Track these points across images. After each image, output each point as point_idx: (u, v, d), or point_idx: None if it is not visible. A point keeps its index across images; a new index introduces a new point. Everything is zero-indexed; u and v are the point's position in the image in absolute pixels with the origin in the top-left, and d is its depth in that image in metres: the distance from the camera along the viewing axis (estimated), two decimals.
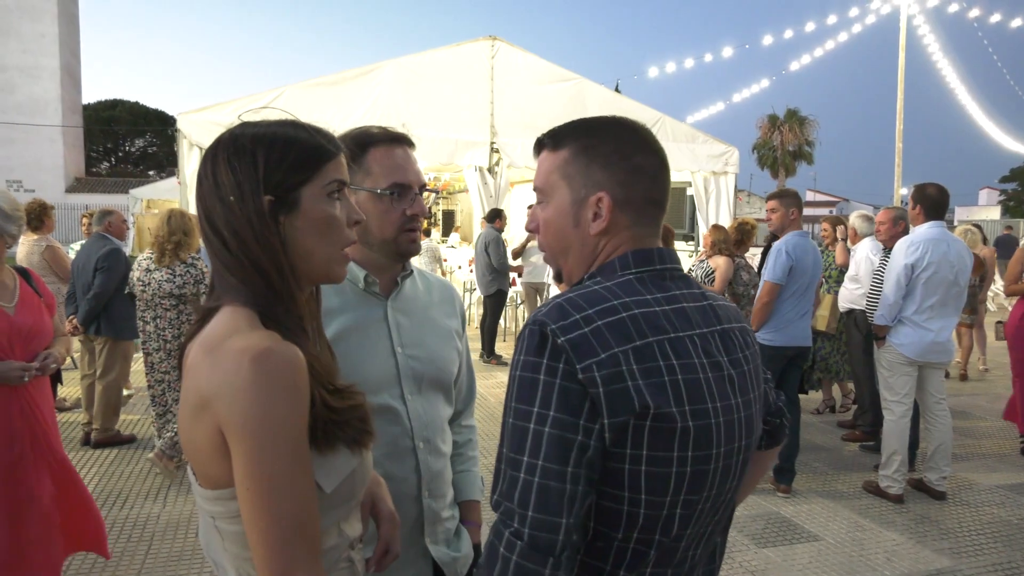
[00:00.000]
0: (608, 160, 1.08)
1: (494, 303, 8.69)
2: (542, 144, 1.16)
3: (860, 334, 5.62)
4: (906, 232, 4.86)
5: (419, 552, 1.53)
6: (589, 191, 1.09)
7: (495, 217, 8.62)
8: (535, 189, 1.17)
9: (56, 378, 3.14)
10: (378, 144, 1.52)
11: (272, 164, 1.02)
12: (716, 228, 5.67)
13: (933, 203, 4.47)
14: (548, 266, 7.68)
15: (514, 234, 10.88)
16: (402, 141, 1.55)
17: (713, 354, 1.05)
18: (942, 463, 4.55)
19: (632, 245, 1.09)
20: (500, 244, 8.46)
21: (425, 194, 1.62)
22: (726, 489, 1.06)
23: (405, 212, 1.51)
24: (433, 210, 18.06)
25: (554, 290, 7.10)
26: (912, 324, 4.44)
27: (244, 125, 1.07)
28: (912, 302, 4.43)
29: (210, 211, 1.03)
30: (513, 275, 9.38)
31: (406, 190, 1.51)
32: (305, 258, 1.05)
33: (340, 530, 1.09)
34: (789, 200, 4.67)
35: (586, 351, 0.94)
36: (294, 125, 1.08)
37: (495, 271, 8.46)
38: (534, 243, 8.95)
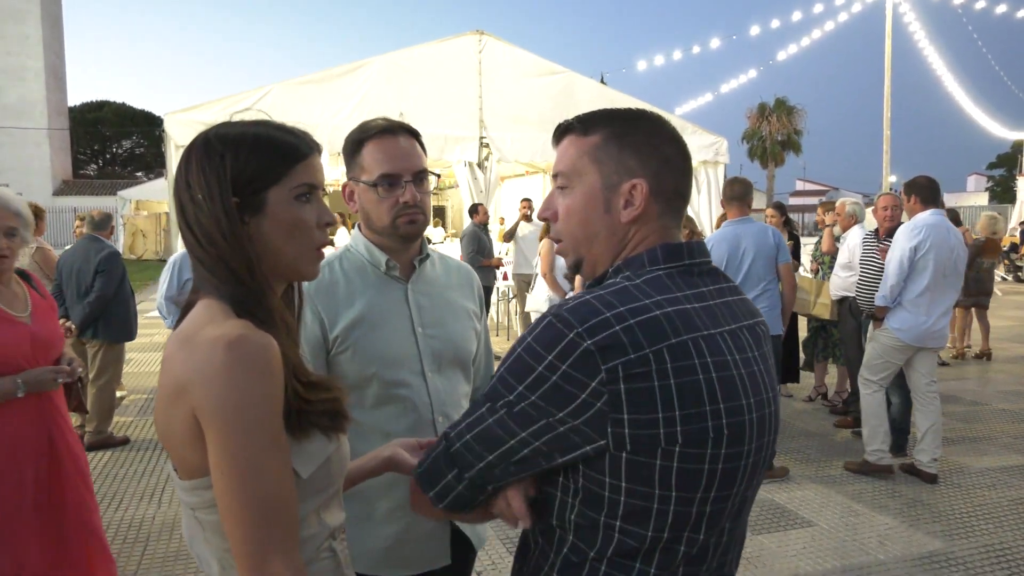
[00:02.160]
0: (641, 149, 1.08)
1: None
2: (568, 129, 1.13)
3: (855, 321, 5.64)
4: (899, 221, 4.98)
5: None
6: (622, 177, 1.07)
7: (474, 212, 8.60)
8: (556, 174, 1.14)
9: (76, 382, 3.02)
10: (371, 138, 1.60)
11: (239, 166, 1.03)
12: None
13: (928, 192, 4.60)
14: (535, 257, 7.55)
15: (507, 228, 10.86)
16: (396, 131, 1.62)
17: (744, 349, 1.05)
18: (933, 445, 4.60)
19: (660, 236, 1.08)
20: (474, 239, 8.30)
21: (429, 178, 1.67)
22: (753, 484, 1.07)
23: (398, 200, 1.59)
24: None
25: (540, 281, 7.04)
26: (910, 309, 4.52)
27: (219, 126, 1.08)
28: (912, 286, 4.50)
29: (183, 209, 1.05)
30: (505, 270, 9.36)
31: (395, 179, 1.58)
32: (273, 257, 1.06)
33: (320, 519, 1.09)
34: (724, 189, 4.87)
35: (616, 352, 0.93)
36: (268, 126, 1.08)
37: (473, 267, 8.39)
38: (524, 233, 8.95)
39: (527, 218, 8.79)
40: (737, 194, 4.73)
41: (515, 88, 9.23)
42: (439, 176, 2.17)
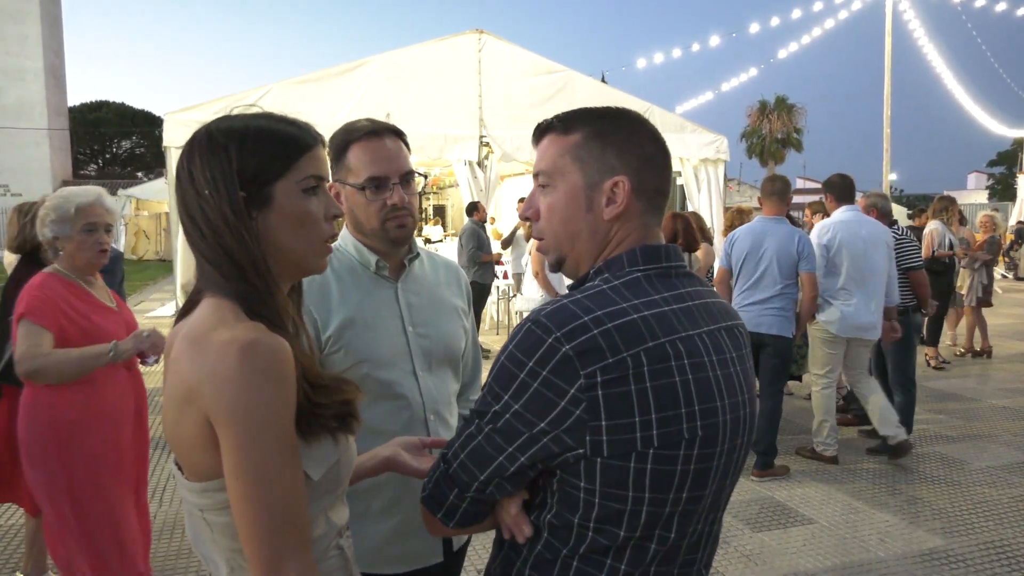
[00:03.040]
0: (623, 147, 1.08)
1: (474, 294, 8.66)
2: (548, 128, 1.13)
3: None
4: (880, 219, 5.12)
5: None
6: (604, 176, 1.07)
7: (472, 210, 8.61)
8: (538, 173, 1.13)
9: None
10: (358, 140, 1.59)
11: (245, 159, 1.01)
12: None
13: (841, 190, 4.90)
14: (524, 256, 7.54)
15: (506, 227, 10.87)
16: (382, 133, 1.60)
17: (722, 350, 1.06)
18: (891, 417, 4.80)
19: (641, 235, 1.09)
20: (474, 236, 8.30)
21: (417, 179, 1.66)
22: (725, 485, 1.08)
23: (386, 202, 1.58)
24: (423, 203, 18.01)
25: (528, 278, 7.03)
26: (834, 303, 4.76)
27: (220, 120, 1.06)
28: (833, 281, 4.74)
29: (187, 204, 1.02)
30: (505, 268, 9.36)
31: (383, 181, 1.57)
32: (281, 252, 1.04)
33: (328, 518, 1.09)
34: (762, 185, 4.96)
35: (594, 356, 0.94)
36: (270, 118, 1.07)
37: (474, 263, 8.40)
38: (520, 233, 8.94)
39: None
40: (772, 191, 4.76)
41: (515, 87, 9.24)
42: (426, 176, 2.14)
